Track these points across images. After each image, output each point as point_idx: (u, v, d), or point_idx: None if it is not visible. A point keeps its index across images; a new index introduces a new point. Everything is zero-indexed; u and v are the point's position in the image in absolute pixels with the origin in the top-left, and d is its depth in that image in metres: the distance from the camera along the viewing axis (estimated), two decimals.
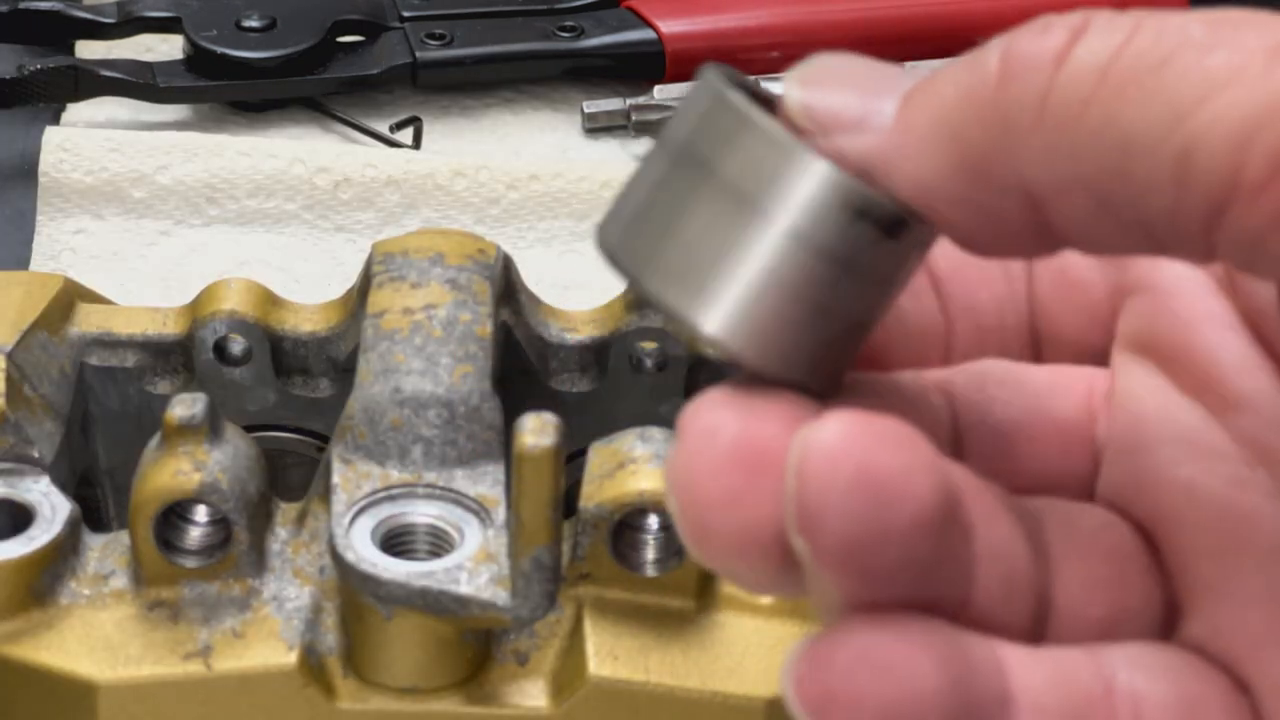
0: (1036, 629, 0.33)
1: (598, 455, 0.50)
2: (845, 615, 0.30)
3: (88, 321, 0.56)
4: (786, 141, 0.32)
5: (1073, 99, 0.29)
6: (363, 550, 0.48)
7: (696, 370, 0.57)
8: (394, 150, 0.79)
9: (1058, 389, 0.36)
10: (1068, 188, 0.30)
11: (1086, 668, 0.32)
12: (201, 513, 0.50)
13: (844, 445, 0.29)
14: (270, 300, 0.56)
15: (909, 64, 0.82)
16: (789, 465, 0.30)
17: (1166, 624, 0.34)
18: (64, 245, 0.75)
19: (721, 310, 0.31)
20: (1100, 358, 0.36)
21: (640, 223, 0.32)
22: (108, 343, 0.56)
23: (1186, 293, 0.35)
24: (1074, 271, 0.37)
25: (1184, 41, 0.29)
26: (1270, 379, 0.34)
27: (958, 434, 0.35)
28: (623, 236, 0.32)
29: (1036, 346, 0.37)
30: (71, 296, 0.57)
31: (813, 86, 0.32)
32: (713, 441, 0.31)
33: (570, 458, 0.45)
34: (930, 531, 0.30)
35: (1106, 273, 0.36)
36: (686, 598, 0.50)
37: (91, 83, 0.79)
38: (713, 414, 0.31)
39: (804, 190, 0.31)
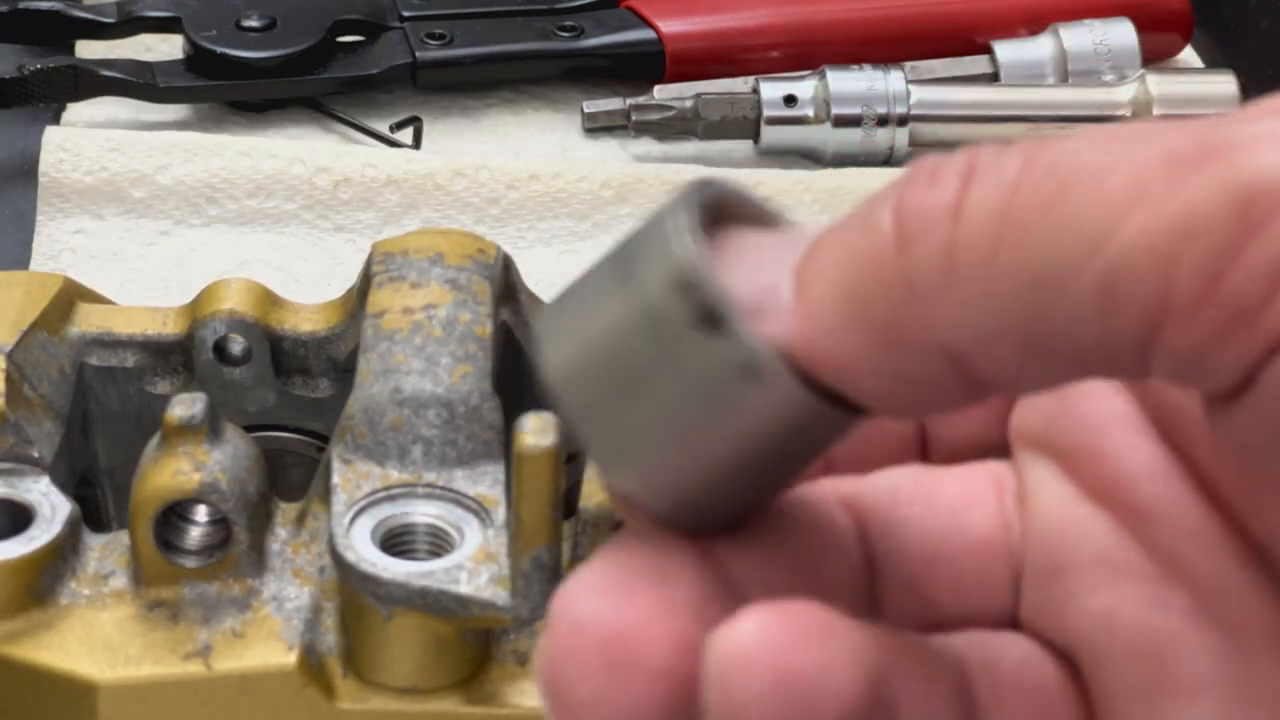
0: None
1: None
2: None
3: (88, 321, 0.56)
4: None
5: (978, 249, 0.28)
6: (363, 550, 0.48)
7: None
8: (394, 150, 0.79)
9: (972, 500, 0.34)
10: (991, 338, 0.28)
11: None
12: (201, 513, 0.50)
13: (760, 648, 0.28)
14: (270, 300, 0.56)
15: (909, 64, 0.82)
16: (706, 671, 0.28)
17: None
18: (64, 245, 0.75)
19: (611, 444, 0.30)
20: (992, 451, 0.35)
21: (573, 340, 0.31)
22: (108, 343, 0.56)
23: (1088, 391, 0.34)
24: None
25: (1078, 167, 0.28)
26: (1181, 485, 0.32)
27: (870, 560, 0.34)
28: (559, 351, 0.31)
29: (923, 440, 0.36)
30: (71, 296, 0.57)
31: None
32: (581, 638, 0.30)
33: (570, 458, 0.45)
34: None
35: None
36: None
37: (91, 83, 0.79)
38: (583, 604, 0.30)
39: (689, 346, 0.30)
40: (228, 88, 0.81)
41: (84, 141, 0.76)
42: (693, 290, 0.29)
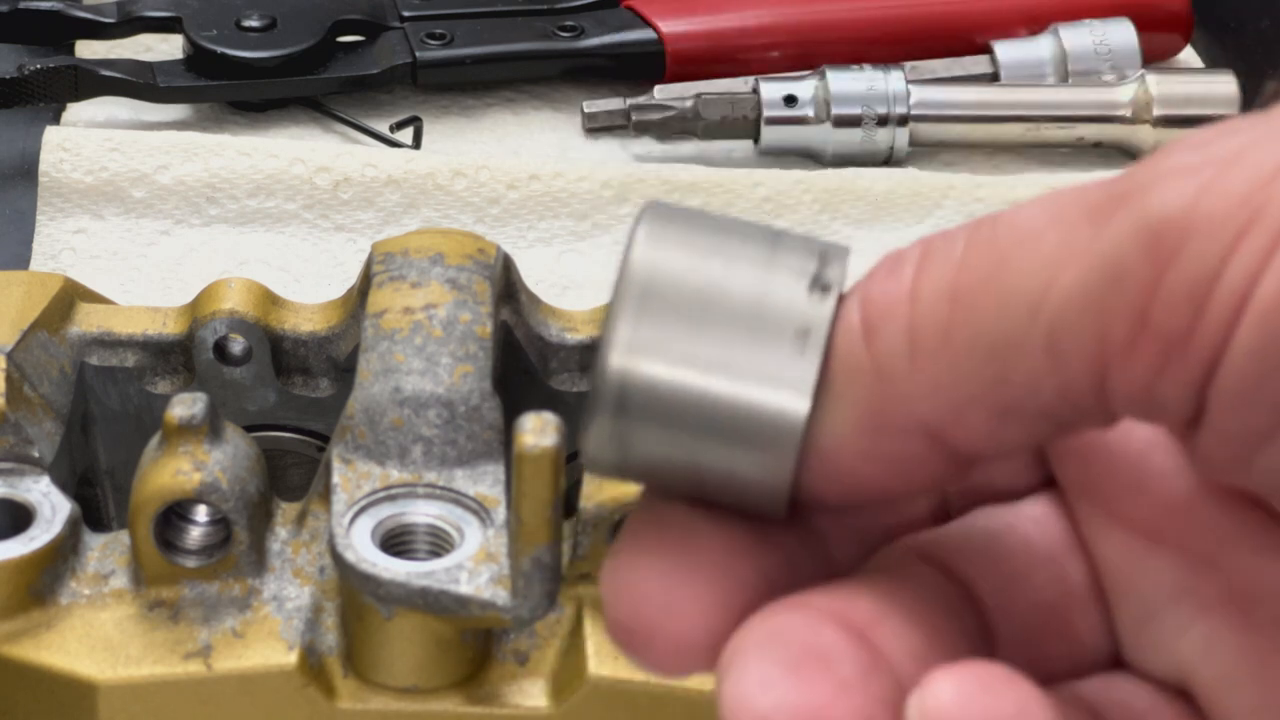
0: None
1: None
2: None
3: (88, 321, 0.56)
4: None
5: (934, 328, 0.30)
6: (363, 550, 0.48)
7: None
8: (394, 150, 0.79)
9: (1055, 550, 0.35)
10: (962, 409, 0.30)
11: None
12: (201, 513, 0.50)
13: (962, 703, 0.29)
14: (270, 300, 0.56)
15: (909, 64, 0.82)
16: None
17: None
18: (64, 245, 0.75)
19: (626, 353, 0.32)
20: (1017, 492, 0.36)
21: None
22: (108, 343, 0.56)
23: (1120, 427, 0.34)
24: None
25: (1015, 234, 0.29)
26: (1221, 498, 0.33)
27: (980, 614, 0.34)
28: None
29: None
30: (71, 296, 0.57)
31: None
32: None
33: (570, 458, 0.45)
34: None
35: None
36: None
37: (91, 83, 0.79)
38: (760, 697, 0.31)
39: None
40: (228, 88, 0.81)
41: (84, 141, 0.76)
42: (814, 337, 0.31)
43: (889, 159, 0.80)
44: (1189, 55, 0.89)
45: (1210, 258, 0.28)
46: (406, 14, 0.84)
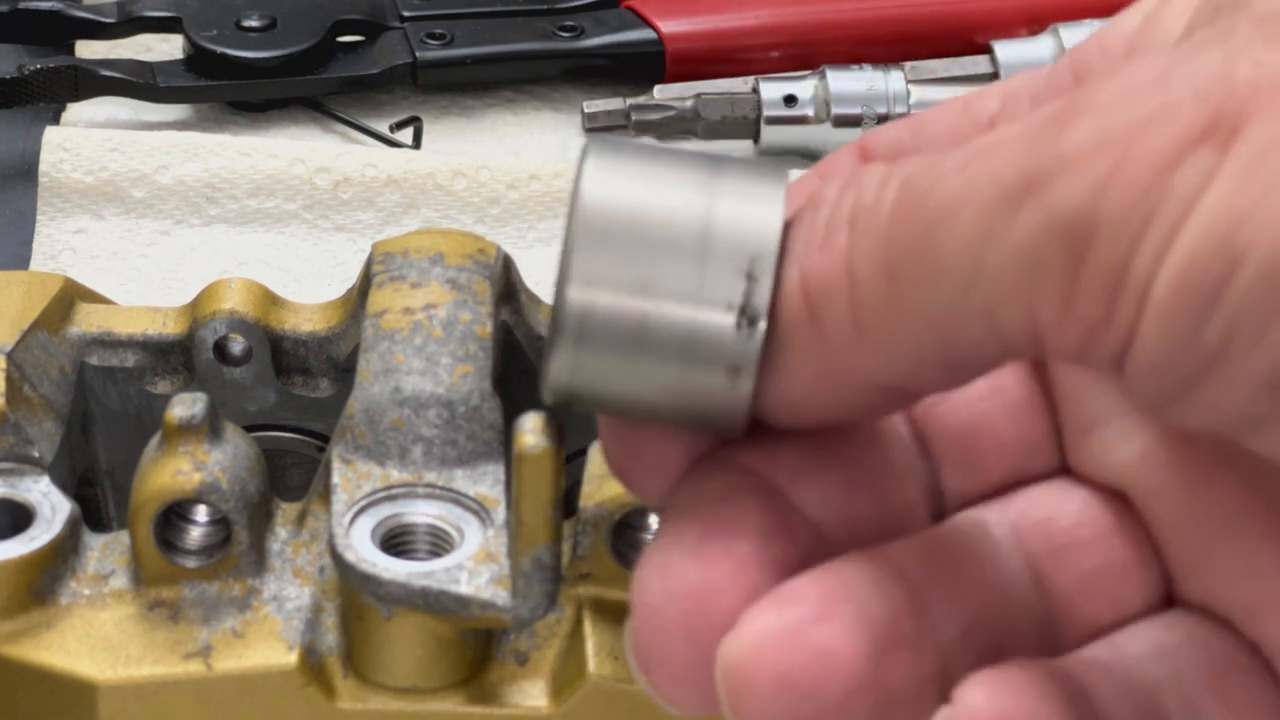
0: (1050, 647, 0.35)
1: (598, 455, 0.50)
2: None
3: (88, 321, 0.56)
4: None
5: (875, 305, 0.32)
6: (363, 550, 0.48)
7: None
8: (394, 150, 0.79)
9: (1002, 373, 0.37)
10: (913, 370, 0.32)
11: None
12: (201, 513, 0.50)
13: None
14: (270, 300, 0.56)
15: (909, 64, 0.82)
16: None
17: (1165, 590, 0.36)
18: (64, 245, 0.75)
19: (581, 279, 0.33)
20: None
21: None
22: (108, 343, 0.56)
23: None
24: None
25: (936, 208, 0.31)
26: None
27: (926, 451, 0.37)
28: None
29: None
30: (71, 296, 0.57)
31: None
32: (664, 618, 0.33)
33: (570, 458, 0.45)
34: None
35: None
36: None
37: (91, 83, 0.79)
38: (657, 583, 0.33)
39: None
40: (228, 88, 0.81)
41: (84, 141, 0.76)
42: (758, 285, 0.32)
43: None
44: None
45: (1117, 251, 0.30)
46: (406, 14, 0.84)
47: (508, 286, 0.56)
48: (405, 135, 0.81)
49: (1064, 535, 0.36)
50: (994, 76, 0.84)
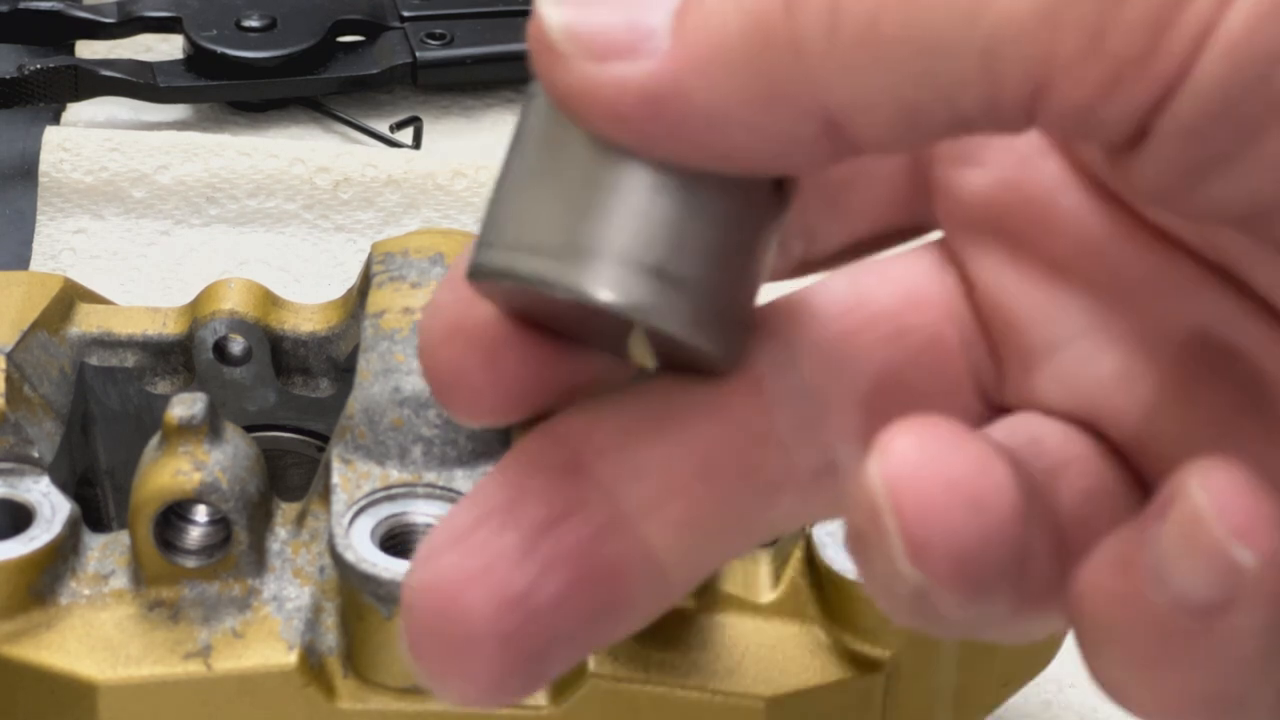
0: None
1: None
2: None
3: (88, 321, 0.56)
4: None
5: (862, 15, 0.27)
6: (363, 550, 0.48)
7: None
8: (394, 150, 0.79)
9: (915, 298, 0.34)
10: (871, 102, 0.28)
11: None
12: (201, 513, 0.50)
13: (922, 458, 0.28)
14: (270, 300, 0.56)
15: None
16: (870, 504, 0.28)
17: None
18: (64, 245, 0.75)
19: (606, 271, 0.29)
20: (893, 238, 0.34)
21: (499, 224, 0.30)
22: (108, 343, 0.56)
23: (1021, 160, 0.33)
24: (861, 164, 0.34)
25: None
26: (1134, 236, 0.32)
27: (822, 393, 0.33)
28: (483, 250, 0.30)
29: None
30: (71, 296, 0.57)
31: (572, 4, 0.29)
32: (416, 613, 0.31)
33: None
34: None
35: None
36: (686, 597, 0.50)
37: (91, 83, 0.79)
38: (419, 573, 0.31)
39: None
40: (228, 88, 0.81)
41: (84, 141, 0.76)
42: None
43: None
44: None
45: None
46: (406, 14, 0.84)
47: None
48: (405, 135, 0.81)
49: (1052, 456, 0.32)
50: None
